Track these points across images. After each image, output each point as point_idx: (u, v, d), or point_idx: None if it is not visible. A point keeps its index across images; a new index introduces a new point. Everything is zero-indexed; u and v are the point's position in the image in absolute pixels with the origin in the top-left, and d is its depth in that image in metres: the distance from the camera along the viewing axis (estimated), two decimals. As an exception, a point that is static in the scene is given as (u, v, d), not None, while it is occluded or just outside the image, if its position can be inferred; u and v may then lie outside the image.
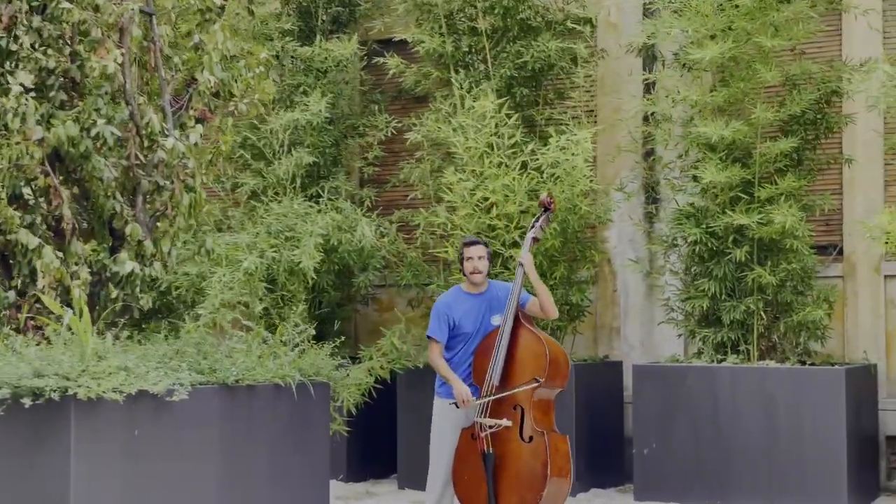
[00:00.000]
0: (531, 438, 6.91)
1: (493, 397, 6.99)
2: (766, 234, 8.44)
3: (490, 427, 6.98)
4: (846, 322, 9.56)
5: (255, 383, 6.46)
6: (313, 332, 7.08)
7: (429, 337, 7.36)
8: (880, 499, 9.10)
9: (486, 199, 8.99)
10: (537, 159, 8.83)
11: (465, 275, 7.37)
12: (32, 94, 6.48)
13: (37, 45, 6.55)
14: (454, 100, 9.48)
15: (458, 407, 7.17)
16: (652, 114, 9.56)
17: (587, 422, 9.26)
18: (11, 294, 6.65)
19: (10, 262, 6.71)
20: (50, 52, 6.56)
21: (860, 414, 8.61)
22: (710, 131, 8.26)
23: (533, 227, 7.38)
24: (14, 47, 6.52)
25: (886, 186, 9.64)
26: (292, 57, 10.24)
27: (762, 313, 8.63)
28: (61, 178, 6.68)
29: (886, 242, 7.84)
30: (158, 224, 6.73)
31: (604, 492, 9.42)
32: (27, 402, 5.51)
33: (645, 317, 10.28)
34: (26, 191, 6.56)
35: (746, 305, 8.63)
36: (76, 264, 6.48)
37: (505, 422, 6.96)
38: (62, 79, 6.69)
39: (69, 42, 6.67)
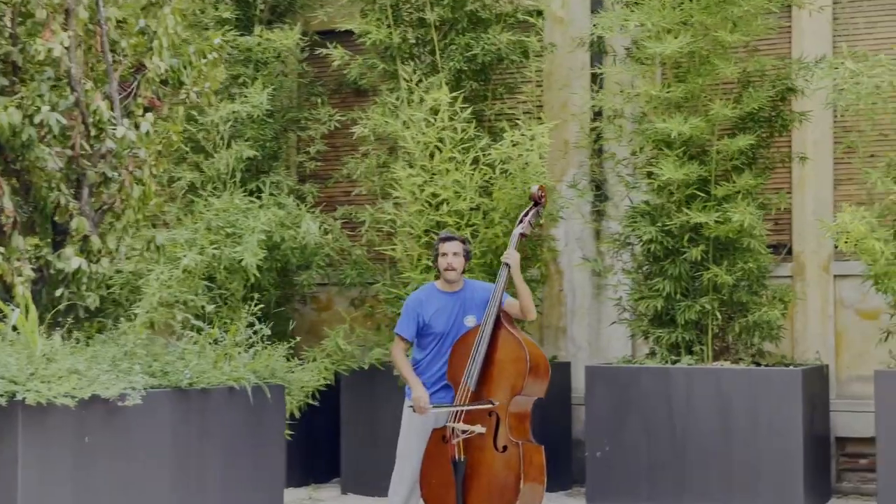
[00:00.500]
0: (505, 448, 6.65)
1: (459, 408, 6.70)
2: (723, 233, 8.30)
3: (462, 433, 6.71)
4: (795, 322, 9.47)
5: (209, 387, 6.15)
6: (268, 332, 6.76)
7: (395, 333, 7.10)
8: (832, 501, 9.02)
9: (437, 195, 8.73)
10: (490, 154, 8.59)
11: (438, 271, 7.10)
12: (-30, 79, 6.11)
13: (-26, 28, 6.17)
14: (400, 93, 9.21)
15: (414, 411, 6.90)
16: (598, 111, 9.40)
17: (534, 424, 9.01)
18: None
19: (-54, 258, 6.30)
20: (-12, 34, 6.19)
21: (814, 415, 8.52)
22: (669, 127, 8.08)
23: (521, 221, 7.11)
24: (-51, 29, 6.14)
25: (836, 185, 9.57)
26: (231, 47, 9.87)
27: (717, 313, 8.49)
28: (1, 168, 6.28)
29: (845, 242, 7.72)
30: (106, 218, 6.36)
31: (553, 496, 9.21)
32: (-29, 407, 5.15)
33: (592, 317, 10.11)
34: (-37, 182, 6.17)
35: (701, 305, 8.48)
36: (18, 260, 6.08)
37: (479, 428, 6.69)
38: (2, 63, 6.30)
39: (10, 24, 6.27)
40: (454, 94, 8.61)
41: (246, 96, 9.46)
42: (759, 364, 8.56)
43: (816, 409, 8.60)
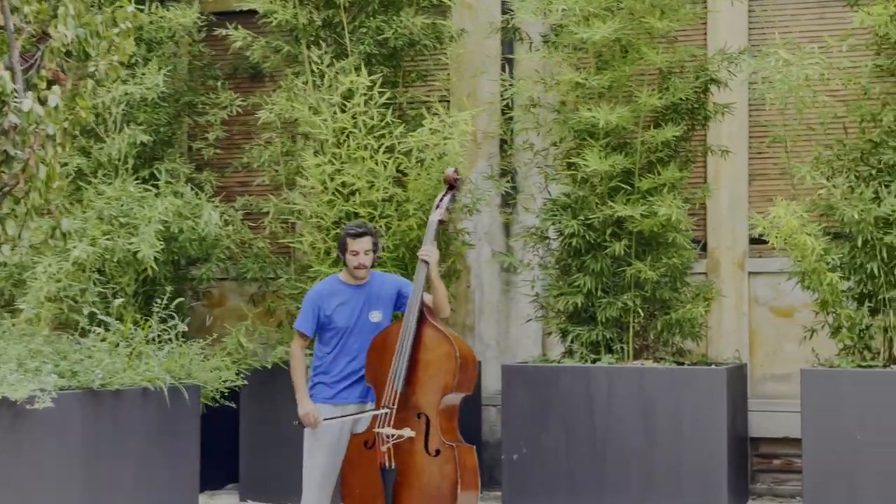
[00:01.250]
0: (438, 452, 6.24)
1: (350, 416, 6.30)
2: (649, 227, 8.03)
3: (389, 437, 6.28)
4: (710, 320, 9.25)
5: (122, 388, 5.60)
6: (184, 328, 6.23)
7: (294, 329, 6.64)
8: (749, 502, 8.84)
9: (348, 184, 8.27)
10: (407, 142, 8.16)
11: (346, 266, 6.66)
12: None
13: None
14: (307, 77, 8.72)
15: (301, 425, 6.45)
16: (508, 101, 9.06)
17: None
18: None
19: None
20: None
21: (736, 415, 8.31)
22: (596, 116, 7.77)
23: (437, 207, 6.70)
24: None
25: (751, 181, 9.42)
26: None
27: (639, 310, 8.21)
28: None
29: (776, 237, 7.51)
30: (6, 203, 5.75)
31: (464, 500, 8.83)
32: None
33: (501, 314, 9.77)
34: None
35: (623, 302, 8.19)
36: None
37: (408, 432, 6.27)
38: None
39: None
40: (373, 77, 8.16)
41: (140, 77, 8.85)
42: (680, 363, 8.31)
43: (738, 409, 8.40)
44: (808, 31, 9.17)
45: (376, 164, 8.20)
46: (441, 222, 6.83)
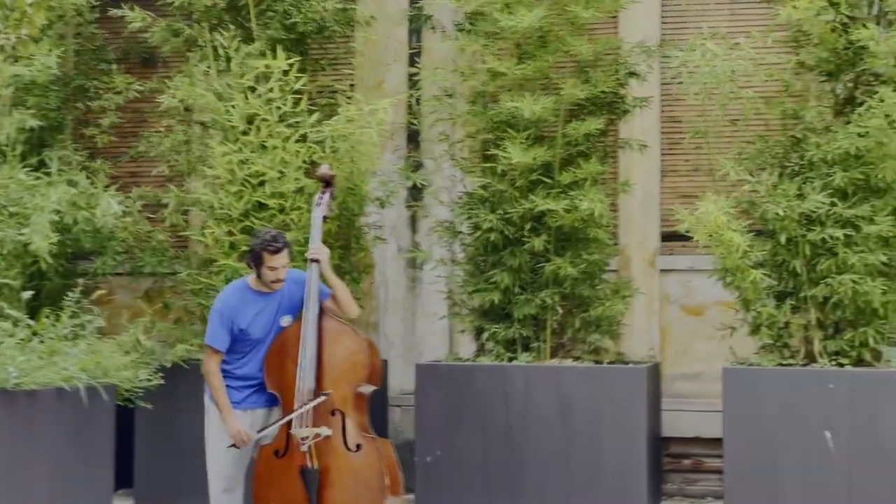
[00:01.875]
0: (359, 446, 5.95)
1: (282, 422, 5.97)
2: (570, 222, 7.83)
3: (304, 439, 5.96)
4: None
5: (37, 387, 5.16)
6: (101, 323, 5.80)
7: (206, 345, 6.24)
8: (663, 503, 8.73)
9: (258, 174, 7.88)
10: (322, 131, 7.81)
11: (258, 277, 6.29)
12: None
13: None
14: (210, 62, 8.30)
15: (237, 447, 6.10)
16: (418, 91, 8.78)
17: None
18: None
19: None
20: None
21: (653, 414, 8.17)
22: (521, 107, 7.53)
23: (318, 205, 6.42)
24: None
25: (663, 177, 9.31)
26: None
27: (558, 308, 8.01)
28: None
29: (703, 233, 7.37)
30: None
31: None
32: None
33: (406, 312, 9.49)
34: None
35: (541, 299, 7.98)
36: None
37: (325, 430, 5.98)
38: None
39: None
40: (290, 60, 7.78)
41: (29, 58, 8.29)
42: (598, 362, 8.14)
43: (654, 408, 8.26)
44: (719, 26, 9.09)
45: (288, 153, 7.83)
46: (325, 218, 6.58)
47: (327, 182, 6.57)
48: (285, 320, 6.33)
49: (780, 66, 7.83)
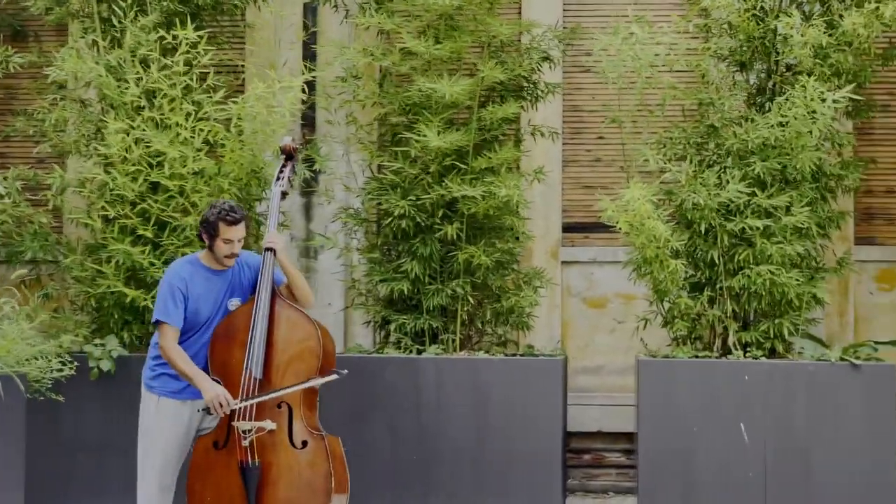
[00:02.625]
0: (305, 443, 5.57)
1: (264, 397, 5.55)
2: (484, 209, 7.57)
3: (246, 432, 5.55)
4: (526, 310, 8.90)
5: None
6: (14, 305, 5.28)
7: (158, 322, 5.77)
8: (569, 498, 8.55)
9: (156, 154, 7.39)
10: (225, 109, 7.37)
11: (210, 251, 5.86)
12: None
13: None
14: (98, 34, 7.75)
15: (209, 413, 5.67)
16: (312, 70, 8.39)
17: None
18: None
19: None
20: None
21: (565, 409, 7.97)
22: (440, 88, 7.24)
23: (279, 179, 6.02)
24: None
25: (564, 167, 9.14)
26: None
27: (469, 298, 7.74)
28: None
29: (626, 222, 7.20)
30: None
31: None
32: None
33: (300, 303, 9.06)
34: None
35: (452, 289, 7.70)
36: None
37: (268, 424, 5.58)
38: None
39: None
40: (199, 33, 7.31)
41: None
42: (512, 354, 7.90)
43: (565, 402, 8.06)
44: (620, 15, 8.97)
45: (189, 132, 7.36)
46: (285, 195, 6.18)
47: (289, 155, 6.14)
48: (233, 303, 5.92)
49: (697, 54, 7.73)
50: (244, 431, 5.57)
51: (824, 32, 7.18)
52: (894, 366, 7.41)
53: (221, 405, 5.64)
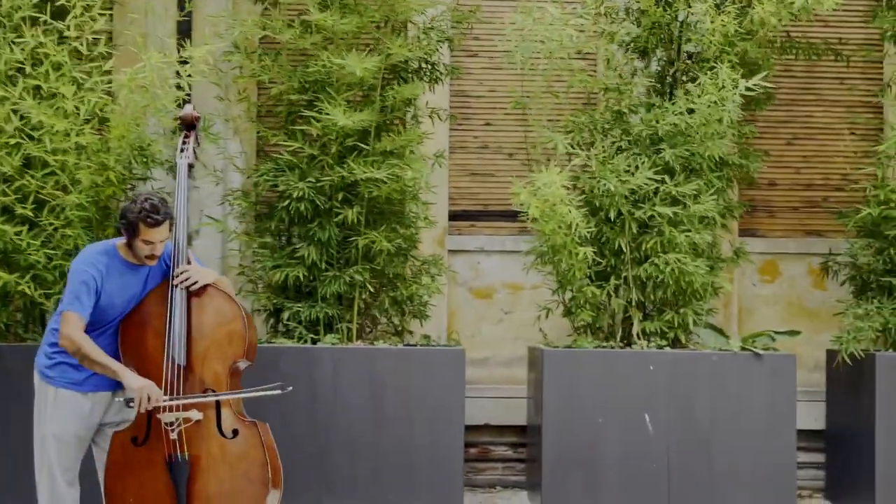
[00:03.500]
0: (236, 432, 5.16)
1: (198, 399, 5.11)
2: (387, 192, 7.26)
3: (170, 424, 5.11)
4: (413, 299, 8.61)
5: None
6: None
7: (68, 311, 5.25)
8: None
9: (35, 125, 6.81)
10: (114, 80, 6.84)
11: (129, 247, 5.39)
12: None
13: None
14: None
15: (131, 407, 5.19)
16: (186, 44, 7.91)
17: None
18: None
19: None
20: None
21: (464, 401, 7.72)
22: (350, 64, 6.88)
23: (183, 150, 5.59)
24: None
25: (451, 153, 8.89)
26: None
27: (368, 286, 7.41)
28: None
29: (535, 208, 7.00)
30: None
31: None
32: None
33: (175, 290, 8.54)
34: None
35: (350, 276, 7.35)
36: None
37: (195, 414, 5.14)
38: None
39: None
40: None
41: None
42: (410, 345, 7.61)
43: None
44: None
45: (73, 103, 6.81)
46: (191, 167, 5.75)
47: (191, 125, 5.68)
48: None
49: (597, 38, 7.59)
50: (168, 424, 5.12)
51: (734, 20, 7.14)
52: (795, 355, 7.44)
53: (150, 400, 5.19)
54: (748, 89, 7.06)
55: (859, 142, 8.95)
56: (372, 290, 7.44)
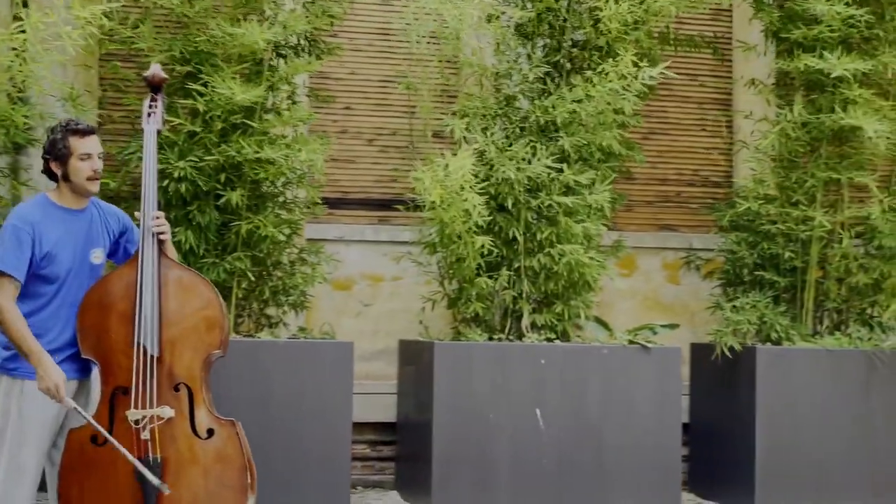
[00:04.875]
0: (211, 431, 4.61)
1: (83, 415, 4.53)
2: (274, 175, 6.78)
3: (138, 423, 4.52)
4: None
5: None
6: None
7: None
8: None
9: None
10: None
11: (66, 181, 4.74)
12: None
13: None
14: None
15: (52, 398, 4.55)
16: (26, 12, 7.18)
17: None
18: None
19: None
20: None
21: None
22: (247, 34, 6.36)
23: (150, 114, 4.98)
24: None
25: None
26: None
27: (249, 274, 6.89)
28: None
29: (437, 195, 6.68)
30: None
31: None
32: None
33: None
34: None
35: (231, 263, 6.82)
36: None
37: (166, 412, 4.57)
38: None
39: None
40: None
41: None
42: (294, 337, 7.14)
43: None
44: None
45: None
46: (159, 133, 5.12)
47: (156, 87, 5.02)
48: (96, 255, 4.77)
49: (493, 22, 7.35)
50: (136, 422, 4.52)
51: (638, 6, 7.05)
52: (680, 348, 7.44)
53: (61, 397, 4.56)
54: (651, 78, 6.97)
55: (710, 138, 9.07)
56: (252, 278, 6.93)
